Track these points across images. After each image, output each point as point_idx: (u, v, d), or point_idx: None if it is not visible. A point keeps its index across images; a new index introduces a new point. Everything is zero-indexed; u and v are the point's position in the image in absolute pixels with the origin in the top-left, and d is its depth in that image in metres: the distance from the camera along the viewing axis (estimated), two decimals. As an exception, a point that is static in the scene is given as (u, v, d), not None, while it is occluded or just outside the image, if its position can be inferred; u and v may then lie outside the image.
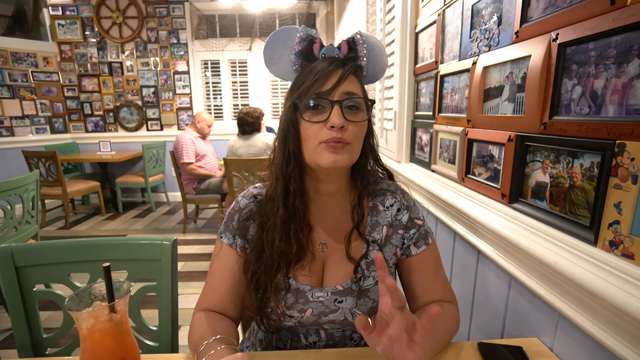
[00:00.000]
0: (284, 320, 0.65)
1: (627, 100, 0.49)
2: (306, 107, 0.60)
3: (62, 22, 4.17)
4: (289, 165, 0.62)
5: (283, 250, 0.63)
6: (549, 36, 0.63)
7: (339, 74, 0.60)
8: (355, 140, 0.61)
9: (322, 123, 0.59)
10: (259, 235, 0.65)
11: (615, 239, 0.51)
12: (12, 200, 1.80)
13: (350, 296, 0.64)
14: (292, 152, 0.62)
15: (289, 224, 0.63)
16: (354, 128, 0.60)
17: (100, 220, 3.86)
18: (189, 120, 4.48)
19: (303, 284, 0.65)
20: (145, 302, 0.87)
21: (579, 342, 0.56)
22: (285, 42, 0.65)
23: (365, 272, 0.65)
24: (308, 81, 0.60)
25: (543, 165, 0.67)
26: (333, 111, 0.58)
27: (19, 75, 4.02)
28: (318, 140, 0.59)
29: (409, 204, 0.71)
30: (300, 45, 0.64)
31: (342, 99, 0.59)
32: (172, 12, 4.21)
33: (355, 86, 0.61)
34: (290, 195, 0.63)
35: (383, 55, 0.69)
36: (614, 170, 0.51)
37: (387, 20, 1.68)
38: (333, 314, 0.64)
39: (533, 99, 0.67)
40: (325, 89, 0.59)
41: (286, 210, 0.63)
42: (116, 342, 0.48)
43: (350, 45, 0.64)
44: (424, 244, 0.69)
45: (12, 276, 0.81)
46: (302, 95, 0.60)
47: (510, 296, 0.74)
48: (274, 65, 0.67)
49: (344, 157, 0.59)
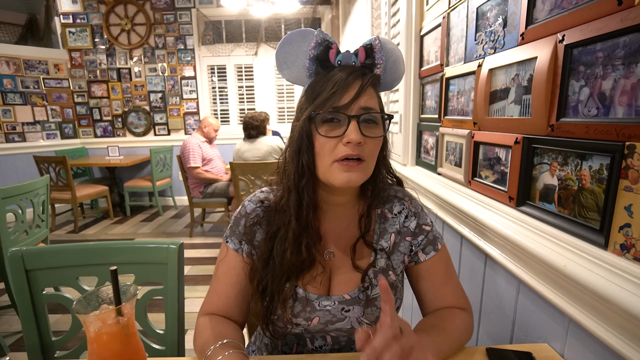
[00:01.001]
0: (291, 328, 0.65)
1: (637, 101, 0.49)
2: (322, 120, 0.58)
3: (73, 29, 4.26)
4: (303, 179, 0.61)
5: (294, 263, 0.61)
6: (555, 38, 0.62)
7: (357, 86, 0.57)
8: (370, 157, 0.60)
9: (337, 138, 0.57)
10: (266, 244, 0.64)
11: (626, 242, 0.50)
12: (23, 204, 1.83)
13: (357, 305, 0.63)
14: (306, 164, 0.60)
15: (301, 237, 0.62)
16: (371, 144, 0.59)
17: (108, 224, 3.91)
18: (195, 124, 4.52)
19: (310, 293, 0.64)
20: (151, 305, 0.87)
21: (591, 349, 0.54)
22: (300, 45, 0.62)
23: (372, 281, 0.64)
24: (325, 93, 0.57)
25: (551, 168, 0.66)
26: (350, 127, 0.56)
27: (31, 82, 4.11)
28: (332, 158, 0.58)
29: (416, 210, 0.70)
30: (316, 50, 0.60)
31: (359, 113, 0.57)
32: (179, 18, 4.27)
33: (373, 100, 0.60)
34: (304, 208, 0.61)
35: (401, 63, 0.66)
36: (624, 172, 0.50)
37: (392, 24, 1.69)
38: (340, 323, 0.64)
39: (540, 101, 0.66)
40: (343, 103, 0.57)
41: (299, 223, 0.61)
42: (123, 345, 0.48)
43: (368, 52, 0.61)
44: (432, 250, 0.69)
45: (23, 279, 0.82)
46: (319, 108, 0.58)
47: (519, 301, 0.73)
48: (286, 69, 0.64)
49: (357, 176, 0.58)
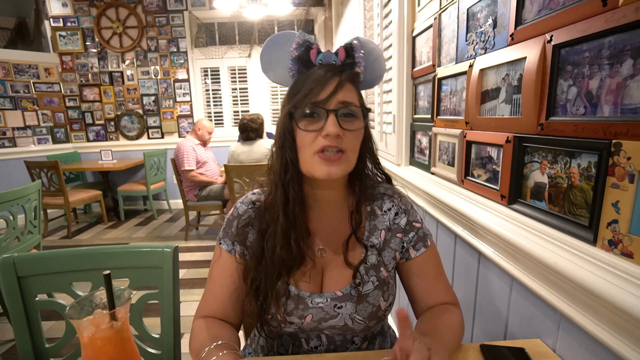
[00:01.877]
0: (285, 327, 0.65)
1: (622, 100, 0.50)
2: (302, 115, 0.59)
3: (63, 33, 4.22)
4: (287, 173, 0.62)
5: (284, 258, 0.62)
6: (544, 38, 0.63)
7: (335, 82, 0.59)
8: (350, 149, 0.61)
9: (317, 132, 0.59)
10: (258, 242, 0.65)
11: (614, 238, 0.51)
12: (14, 210, 1.81)
13: (349, 301, 0.64)
14: (289, 160, 0.62)
15: (289, 231, 0.63)
16: (350, 137, 0.60)
17: (102, 229, 3.87)
18: (189, 127, 4.50)
19: (303, 290, 0.64)
20: (147, 309, 0.87)
21: (581, 343, 0.55)
22: (283, 47, 0.64)
23: (364, 277, 0.65)
24: (304, 89, 0.59)
25: (541, 166, 0.67)
26: (328, 120, 0.58)
27: (21, 87, 4.06)
28: (313, 150, 0.59)
29: (406, 207, 0.71)
30: (298, 50, 0.63)
31: (337, 107, 0.59)
32: (171, 21, 4.25)
33: (351, 95, 0.61)
34: (290, 203, 0.63)
35: (381, 61, 0.68)
36: (611, 170, 0.51)
37: (384, 25, 1.70)
38: (333, 320, 0.64)
39: (529, 100, 0.67)
40: (322, 98, 0.58)
41: (287, 218, 0.63)
42: (117, 350, 0.48)
43: (348, 51, 0.63)
44: (423, 247, 0.69)
45: (15, 286, 0.81)
46: (298, 104, 0.59)
47: (511, 298, 0.74)
48: (271, 70, 0.67)
49: (338, 169, 0.60)
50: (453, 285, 1.04)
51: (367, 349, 0.70)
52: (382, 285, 0.66)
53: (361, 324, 0.64)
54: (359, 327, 0.65)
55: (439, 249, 0.75)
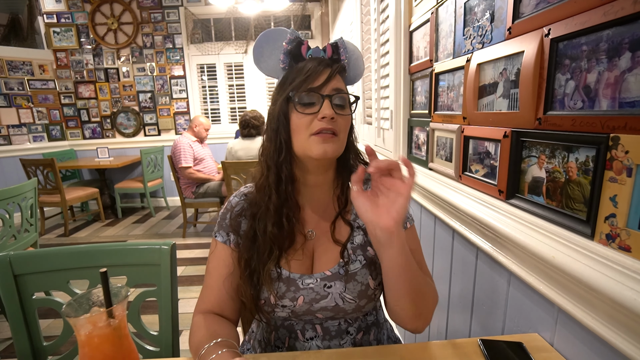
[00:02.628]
0: (278, 311, 0.67)
1: (620, 93, 0.50)
2: (299, 100, 0.64)
3: (57, 29, 4.17)
4: (281, 155, 0.66)
5: (276, 235, 0.66)
6: (541, 32, 0.63)
7: (327, 72, 0.65)
8: (342, 132, 0.66)
9: (313, 115, 0.63)
10: (250, 224, 0.69)
11: (611, 232, 0.51)
12: (10, 208, 1.80)
13: (338, 280, 0.66)
14: (283, 141, 0.66)
15: (281, 209, 0.67)
16: (342, 120, 0.65)
17: (99, 227, 3.86)
18: (186, 124, 4.48)
19: (293, 272, 0.67)
20: (145, 307, 0.87)
21: (579, 337, 0.56)
22: (276, 41, 0.70)
23: (352, 256, 0.68)
24: (300, 77, 0.64)
25: (539, 161, 0.67)
26: (324, 104, 0.63)
27: (15, 84, 4.02)
28: (309, 132, 0.63)
29: None
30: (290, 45, 0.68)
31: (331, 94, 0.64)
32: (167, 17, 4.22)
33: (341, 84, 0.67)
34: (282, 182, 0.67)
35: (360, 62, 0.76)
36: (608, 164, 0.51)
37: (381, 20, 1.69)
38: (324, 300, 0.66)
39: (527, 94, 0.67)
40: (317, 85, 0.64)
41: (278, 195, 0.67)
42: (115, 348, 0.48)
43: (334, 49, 0.69)
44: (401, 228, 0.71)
45: (11, 284, 0.81)
46: (296, 89, 0.64)
47: (509, 292, 0.74)
48: (263, 62, 0.71)
49: (333, 147, 0.64)
50: (451, 281, 1.04)
51: (362, 339, 0.71)
52: (369, 264, 0.68)
53: (352, 303, 0.66)
54: (350, 307, 0.67)
55: (437, 245, 0.75)
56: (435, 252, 1.15)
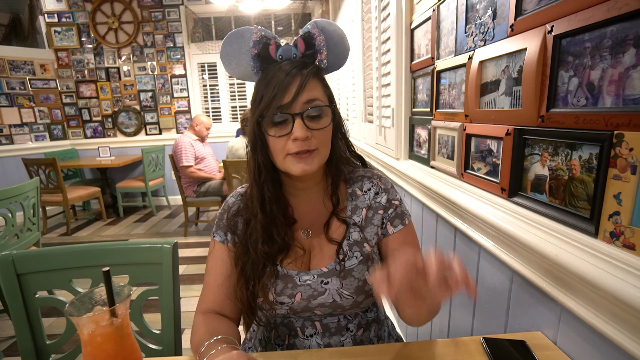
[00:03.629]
0: (277, 308, 0.67)
1: (624, 90, 0.49)
2: (269, 123, 0.60)
3: (58, 29, 4.17)
4: (261, 175, 0.65)
5: (267, 252, 0.65)
6: (544, 28, 0.62)
7: (297, 83, 0.59)
8: (322, 145, 0.62)
9: (286, 136, 0.60)
10: (244, 231, 0.68)
11: (615, 230, 0.51)
12: (12, 208, 1.80)
13: (335, 277, 0.66)
14: (262, 163, 0.64)
15: (269, 227, 0.66)
16: (319, 134, 0.62)
17: (101, 226, 3.86)
18: (187, 123, 4.48)
19: (290, 270, 0.67)
20: (148, 305, 0.87)
21: (582, 335, 0.55)
22: (241, 46, 0.64)
23: (348, 253, 0.68)
24: (267, 96, 0.59)
25: (542, 158, 0.67)
26: (295, 124, 0.59)
27: (17, 83, 4.03)
28: (285, 152, 0.61)
29: (386, 186, 0.74)
30: (256, 48, 0.62)
31: (303, 110, 0.59)
32: (167, 16, 4.21)
33: (315, 91, 0.61)
34: (267, 202, 0.65)
35: (344, 43, 0.67)
36: (612, 161, 0.51)
37: (382, 18, 1.68)
38: (321, 297, 0.66)
39: (530, 92, 0.67)
40: (286, 102, 0.58)
41: (265, 215, 0.65)
42: (117, 346, 0.48)
43: (307, 40, 0.63)
44: (400, 224, 0.71)
45: (14, 283, 0.81)
46: (265, 112, 0.60)
47: (512, 291, 0.74)
48: (233, 69, 0.66)
49: (312, 164, 0.61)
50: (453, 279, 1.04)
51: (362, 336, 0.72)
52: (366, 260, 0.68)
53: (349, 299, 0.66)
54: (348, 303, 0.67)
55: (439, 243, 0.75)
56: (437, 250, 1.14)
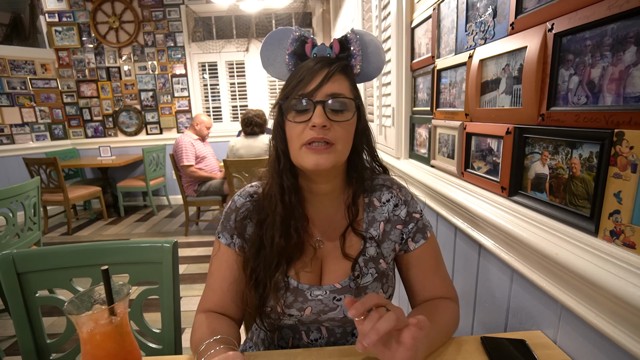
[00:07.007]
0: (284, 319, 0.65)
1: (625, 88, 0.49)
2: (290, 108, 0.60)
3: (59, 28, 4.18)
4: (280, 164, 0.64)
5: (283, 247, 0.63)
6: (545, 26, 0.62)
7: (323, 73, 0.59)
8: (339, 140, 0.60)
9: (305, 123, 0.59)
10: (257, 232, 0.65)
11: (616, 228, 0.51)
12: (13, 207, 1.80)
13: (348, 294, 0.64)
14: (281, 151, 0.63)
15: (288, 220, 0.64)
16: (339, 128, 0.59)
17: (102, 225, 3.87)
18: (188, 123, 4.48)
19: (302, 283, 0.65)
20: (148, 304, 0.87)
21: (582, 334, 0.55)
22: (281, 43, 0.66)
23: (363, 269, 0.65)
24: (293, 82, 0.60)
25: (542, 157, 0.67)
26: (315, 111, 0.57)
27: (18, 83, 4.03)
28: (300, 142, 0.59)
29: (406, 198, 0.70)
30: (293, 45, 0.64)
31: (325, 99, 0.58)
32: (168, 15, 4.21)
33: (341, 86, 0.60)
34: (286, 192, 0.64)
35: (380, 54, 0.67)
36: (613, 160, 0.51)
37: (382, 17, 1.68)
38: (332, 312, 0.64)
39: (530, 90, 0.66)
40: (309, 90, 0.58)
41: (284, 207, 0.63)
42: (117, 345, 0.48)
43: (343, 44, 0.63)
44: (422, 239, 0.69)
45: (15, 282, 0.81)
46: (288, 95, 0.60)
47: (512, 289, 0.74)
48: (270, 66, 0.68)
49: (326, 159, 0.58)
50: (453, 278, 1.04)
51: None
52: (381, 277, 0.66)
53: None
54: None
55: (439, 242, 0.75)
56: (438, 249, 1.14)
